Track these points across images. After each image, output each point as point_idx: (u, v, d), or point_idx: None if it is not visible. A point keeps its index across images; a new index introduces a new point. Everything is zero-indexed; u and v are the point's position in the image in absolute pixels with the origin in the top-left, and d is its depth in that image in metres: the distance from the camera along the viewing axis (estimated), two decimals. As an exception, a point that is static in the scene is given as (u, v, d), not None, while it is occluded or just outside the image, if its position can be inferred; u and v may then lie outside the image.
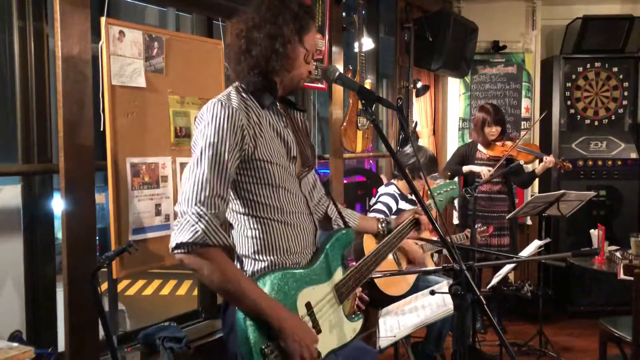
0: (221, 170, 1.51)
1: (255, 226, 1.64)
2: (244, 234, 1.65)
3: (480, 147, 4.33)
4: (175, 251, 1.46)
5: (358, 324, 1.80)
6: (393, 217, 2.10)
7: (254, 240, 1.64)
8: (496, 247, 4.21)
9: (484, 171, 4.11)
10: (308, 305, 1.62)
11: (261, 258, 1.64)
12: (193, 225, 1.44)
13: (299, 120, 1.81)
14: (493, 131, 4.21)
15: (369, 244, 3.43)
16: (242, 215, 1.65)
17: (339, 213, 2.00)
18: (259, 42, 1.62)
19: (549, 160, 4.04)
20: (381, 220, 2.09)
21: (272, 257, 1.64)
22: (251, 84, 1.65)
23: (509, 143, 4.22)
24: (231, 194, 1.61)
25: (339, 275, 1.76)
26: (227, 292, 1.50)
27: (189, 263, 1.47)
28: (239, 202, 1.64)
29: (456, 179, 4.44)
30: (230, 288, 1.48)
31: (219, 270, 1.47)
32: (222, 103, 1.56)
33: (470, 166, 4.25)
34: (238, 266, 1.66)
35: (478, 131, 4.28)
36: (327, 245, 1.75)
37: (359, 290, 2.18)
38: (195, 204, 1.46)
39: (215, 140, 1.51)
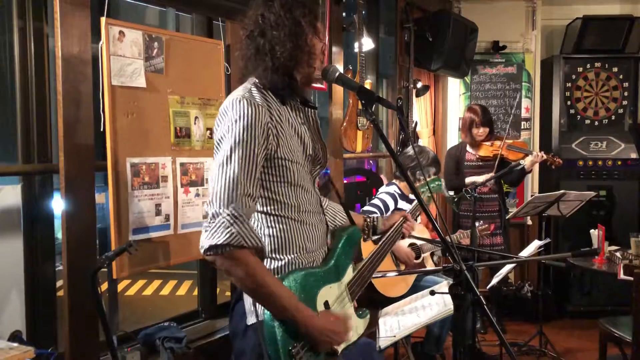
0: (251, 169, 1.50)
1: (273, 225, 1.63)
2: (261, 232, 1.64)
3: (469, 147, 4.34)
4: (209, 253, 1.44)
5: (366, 320, 1.83)
6: (378, 216, 2.11)
7: (272, 238, 1.63)
8: (489, 246, 4.20)
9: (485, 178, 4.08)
10: (326, 304, 1.64)
11: (278, 257, 1.63)
12: (228, 228, 1.42)
13: (310, 117, 1.77)
14: (480, 132, 4.21)
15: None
16: (260, 214, 1.63)
17: (340, 211, 1.99)
18: (282, 41, 1.58)
19: (538, 155, 4.03)
20: (368, 220, 2.09)
21: (289, 256, 1.63)
22: (274, 82, 1.61)
23: (497, 142, 4.21)
24: None
25: (349, 273, 1.77)
26: (258, 295, 1.50)
27: (222, 265, 1.46)
28: (258, 201, 1.62)
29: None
30: (262, 291, 1.48)
31: (251, 273, 1.46)
32: (247, 100, 1.53)
33: (472, 178, 4.18)
34: None
35: (465, 132, 4.30)
36: (340, 243, 1.77)
37: None
38: (229, 205, 1.44)
39: (245, 138, 1.49)
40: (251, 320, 1.62)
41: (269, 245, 1.62)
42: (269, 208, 1.62)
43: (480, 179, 4.05)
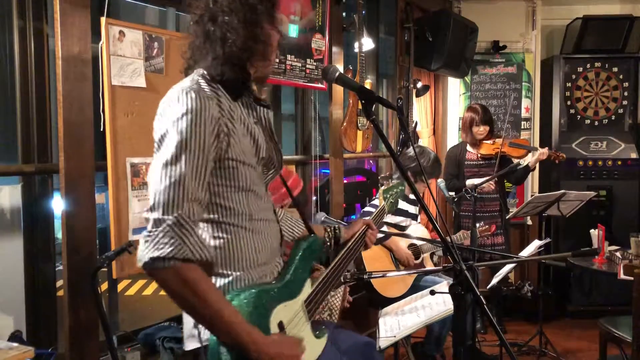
0: (201, 170, 1.32)
1: (220, 234, 1.43)
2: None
3: (469, 147, 4.34)
4: (149, 266, 1.24)
5: (323, 341, 1.63)
6: (341, 225, 1.96)
7: (218, 250, 1.43)
8: (490, 246, 4.21)
9: (488, 184, 4.03)
10: (280, 325, 1.44)
11: (225, 272, 1.43)
12: (173, 238, 1.24)
13: (263, 117, 1.56)
14: (481, 130, 4.22)
15: (368, 254, 3.43)
16: (204, 222, 1.42)
17: (300, 221, 1.86)
18: (235, 28, 1.40)
19: (542, 152, 4.03)
20: (329, 229, 1.92)
21: (237, 272, 1.44)
22: (225, 74, 1.42)
23: (498, 141, 4.22)
24: None
25: (307, 289, 1.59)
26: (203, 317, 1.30)
27: (164, 281, 1.26)
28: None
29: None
30: (207, 312, 1.28)
31: (197, 291, 1.26)
32: (195, 92, 1.34)
33: (472, 181, 4.15)
34: None
35: (466, 131, 4.31)
36: (297, 255, 1.60)
37: (347, 290, 2.13)
38: (175, 211, 1.26)
39: (194, 135, 1.30)
40: (191, 345, 1.47)
41: (215, 258, 1.42)
42: (215, 215, 1.43)
43: (478, 181, 3.94)
